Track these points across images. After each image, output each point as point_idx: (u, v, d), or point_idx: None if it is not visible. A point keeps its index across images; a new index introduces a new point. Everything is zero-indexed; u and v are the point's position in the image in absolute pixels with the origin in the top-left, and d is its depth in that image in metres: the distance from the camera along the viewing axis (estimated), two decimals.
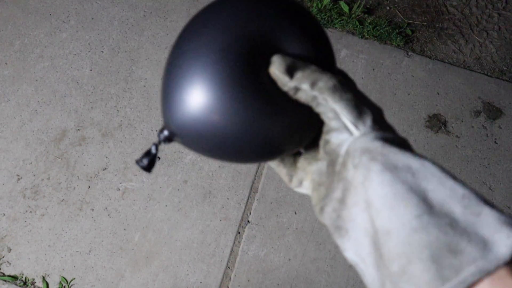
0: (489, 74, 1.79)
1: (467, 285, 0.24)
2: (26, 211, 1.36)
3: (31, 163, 1.42)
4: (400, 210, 0.27)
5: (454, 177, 0.29)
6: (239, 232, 1.40)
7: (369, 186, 0.29)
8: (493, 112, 1.70)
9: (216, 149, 0.35)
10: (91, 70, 1.58)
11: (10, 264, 1.30)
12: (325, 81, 0.33)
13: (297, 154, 0.39)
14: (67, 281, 1.30)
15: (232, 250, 1.38)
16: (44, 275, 1.30)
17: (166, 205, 1.41)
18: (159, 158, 1.46)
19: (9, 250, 1.32)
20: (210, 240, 1.38)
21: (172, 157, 1.47)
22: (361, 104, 0.33)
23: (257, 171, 1.48)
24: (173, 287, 1.32)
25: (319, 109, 0.33)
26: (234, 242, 1.39)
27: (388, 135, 0.32)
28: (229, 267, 1.36)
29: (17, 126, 1.47)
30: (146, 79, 1.59)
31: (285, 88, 0.33)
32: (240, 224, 1.41)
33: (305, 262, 1.39)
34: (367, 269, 0.30)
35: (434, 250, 0.25)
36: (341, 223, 0.31)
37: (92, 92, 1.54)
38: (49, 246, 1.33)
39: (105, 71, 1.58)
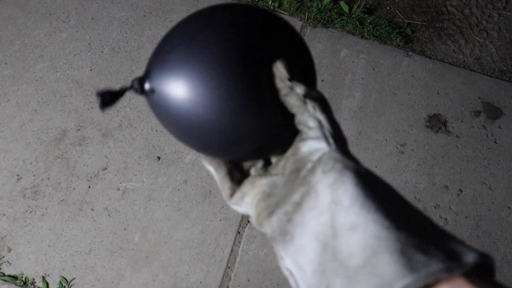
0: (489, 74, 1.79)
1: (435, 278, 0.25)
2: (26, 211, 1.36)
3: (31, 163, 1.42)
4: (372, 209, 0.28)
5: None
6: (239, 232, 1.40)
7: (340, 186, 0.29)
8: (493, 112, 1.70)
9: (186, 127, 0.35)
10: (91, 70, 1.58)
11: (10, 264, 1.30)
12: (317, 92, 0.35)
13: (246, 171, 0.40)
14: (67, 281, 1.30)
15: (232, 250, 1.38)
16: (44, 275, 1.30)
17: (166, 205, 1.41)
18: (159, 158, 1.46)
19: (9, 250, 1.32)
20: (210, 240, 1.38)
21: (172, 157, 1.47)
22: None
23: None
24: (173, 287, 1.32)
25: (302, 117, 0.34)
26: (234, 242, 1.39)
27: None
28: (229, 267, 1.36)
29: (17, 126, 1.46)
30: None
31: (281, 84, 0.34)
32: (240, 224, 1.41)
33: None
34: (303, 278, 0.30)
35: (404, 245, 0.26)
36: (289, 227, 0.32)
37: (92, 92, 1.54)
38: (49, 246, 1.33)
39: (105, 71, 1.58)
